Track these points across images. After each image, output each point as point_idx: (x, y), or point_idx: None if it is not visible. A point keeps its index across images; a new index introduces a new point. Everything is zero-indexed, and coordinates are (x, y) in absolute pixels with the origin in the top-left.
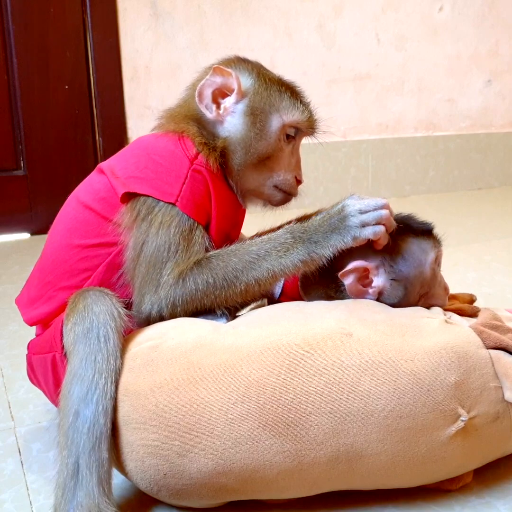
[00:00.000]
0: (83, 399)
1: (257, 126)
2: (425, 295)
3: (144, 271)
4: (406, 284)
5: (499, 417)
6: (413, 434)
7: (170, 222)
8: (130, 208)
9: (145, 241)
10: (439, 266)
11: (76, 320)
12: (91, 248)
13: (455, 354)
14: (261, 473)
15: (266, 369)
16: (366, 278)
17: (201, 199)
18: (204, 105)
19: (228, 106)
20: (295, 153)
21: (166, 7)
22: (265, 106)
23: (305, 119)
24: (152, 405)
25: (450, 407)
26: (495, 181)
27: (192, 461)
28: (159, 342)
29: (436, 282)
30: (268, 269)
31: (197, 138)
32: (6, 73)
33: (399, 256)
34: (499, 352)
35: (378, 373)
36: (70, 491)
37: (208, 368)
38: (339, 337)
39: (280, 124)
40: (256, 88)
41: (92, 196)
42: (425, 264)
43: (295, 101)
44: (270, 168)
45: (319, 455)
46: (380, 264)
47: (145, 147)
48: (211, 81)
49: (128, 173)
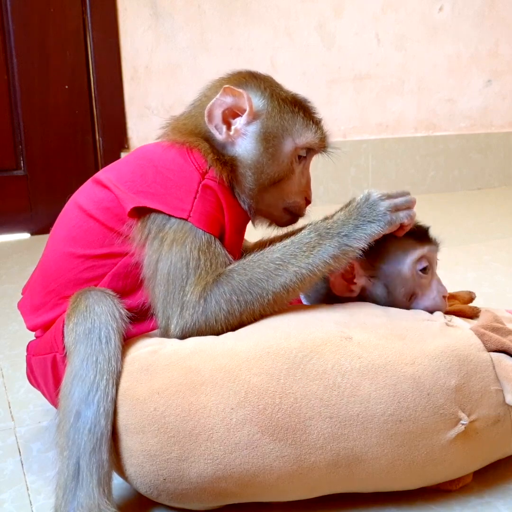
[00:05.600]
0: (84, 400)
1: (269, 151)
2: (413, 296)
3: (164, 290)
4: (386, 282)
5: (500, 420)
6: (413, 438)
7: (185, 239)
8: (140, 226)
9: (158, 259)
10: (430, 268)
11: (77, 320)
12: (97, 259)
13: (455, 357)
14: (261, 477)
15: (265, 373)
16: (350, 275)
17: (214, 212)
18: (213, 125)
19: (239, 128)
20: (305, 172)
21: (166, 7)
22: (278, 131)
23: (317, 140)
24: (151, 410)
25: (450, 410)
26: (495, 181)
27: (192, 466)
28: (158, 347)
29: (423, 283)
30: (296, 272)
31: (210, 155)
32: (6, 73)
33: (378, 253)
34: (500, 355)
35: (378, 377)
36: (71, 492)
37: (207, 373)
38: (338, 340)
39: (293, 148)
40: (269, 110)
41: (96, 206)
42: (404, 263)
43: (307, 122)
44: (281, 190)
45: (319, 460)
46: (362, 261)
47: (151, 158)
48: (221, 101)
49: (136, 187)
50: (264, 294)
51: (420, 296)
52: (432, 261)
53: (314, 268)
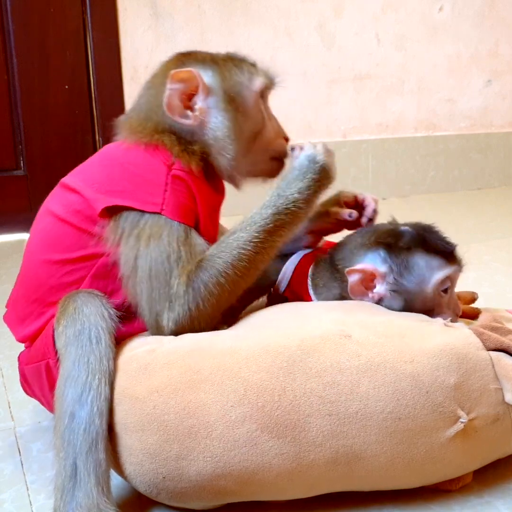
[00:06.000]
0: (78, 401)
1: (239, 110)
2: (429, 312)
3: (148, 287)
4: (406, 297)
5: (499, 418)
6: (412, 436)
7: (161, 233)
8: (113, 225)
9: (137, 256)
10: (452, 288)
11: (67, 323)
12: (74, 262)
13: (454, 355)
14: (260, 475)
15: (264, 371)
16: (371, 282)
17: (187, 202)
18: (178, 116)
19: (202, 105)
20: (270, 114)
21: (166, 7)
22: (235, 89)
23: (268, 79)
24: (150, 409)
25: (449, 408)
26: (495, 181)
27: (191, 464)
28: (156, 346)
29: (442, 302)
30: (266, 239)
31: (175, 148)
32: (6, 73)
33: (404, 268)
34: (499, 354)
35: (377, 374)
36: (69, 493)
37: (206, 371)
38: (337, 338)
39: (255, 96)
40: (219, 75)
41: (66, 209)
42: (429, 283)
43: (252, 68)
44: (262, 141)
45: (318, 457)
46: (387, 272)
47: (116, 157)
48: (174, 88)
49: (105, 187)
50: (246, 270)
51: (435, 313)
52: (454, 280)
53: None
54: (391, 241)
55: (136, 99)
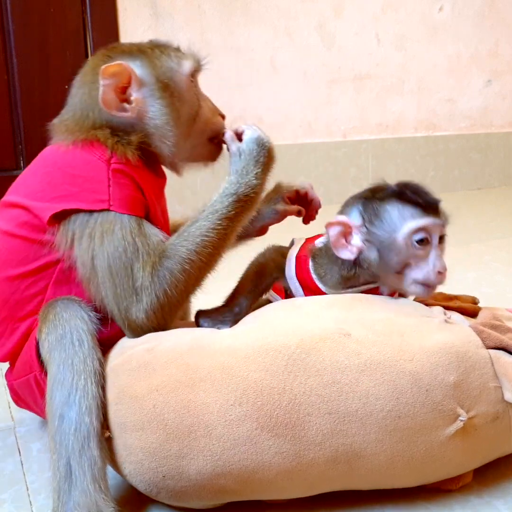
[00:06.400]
0: (66, 402)
1: (175, 95)
2: (406, 266)
3: (111, 285)
4: (380, 248)
5: (499, 417)
6: (412, 434)
7: (113, 228)
8: (63, 230)
9: (93, 256)
10: (430, 241)
11: (48, 330)
12: (33, 274)
13: (454, 354)
14: (260, 474)
15: (264, 370)
16: (349, 235)
17: (133, 193)
18: (115, 110)
19: (137, 96)
20: (202, 94)
21: (166, 7)
22: (167, 75)
23: (196, 61)
24: (150, 408)
25: (449, 407)
26: (495, 181)
27: (191, 462)
28: (154, 344)
29: (418, 254)
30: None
31: (109, 140)
32: (6, 73)
33: (376, 217)
34: (498, 352)
35: (376, 373)
36: (66, 493)
37: (206, 370)
38: (337, 337)
39: (186, 80)
40: (148, 63)
41: (13, 223)
42: (398, 231)
43: (179, 53)
44: (200, 123)
45: (318, 456)
46: (361, 223)
47: (54, 162)
48: (107, 83)
49: (48, 195)
50: (210, 256)
51: (413, 267)
52: (433, 233)
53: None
54: (369, 194)
55: (68, 100)
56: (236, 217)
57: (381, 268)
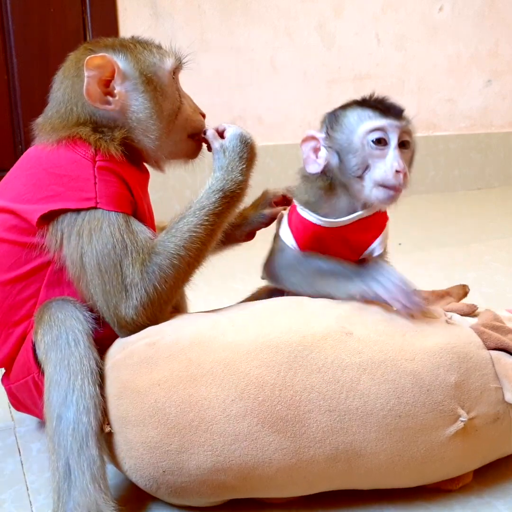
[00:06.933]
0: (63, 403)
1: (158, 90)
2: (366, 168)
3: (100, 282)
4: (339, 152)
5: (499, 418)
6: (412, 434)
7: (101, 225)
8: (52, 231)
9: (82, 254)
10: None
11: (44, 331)
12: (24, 278)
13: (455, 354)
14: (260, 470)
15: (265, 366)
16: (318, 150)
17: (119, 190)
18: (98, 102)
19: (120, 89)
20: (183, 92)
21: (166, 7)
22: (150, 69)
23: (177, 60)
24: (152, 402)
25: (449, 407)
26: (495, 181)
27: (191, 457)
28: (156, 339)
29: (375, 155)
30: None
31: (91, 137)
32: (6, 73)
33: (336, 123)
34: (499, 353)
35: (377, 372)
36: (65, 493)
37: (208, 365)
38: (339, 335)
39: (169, 76)
40: (131, 57)
41: (1, 228)
42: (354, 132)
43: (161, 50)
44: (182, 119)
45: (318, 453)
46: (324, 132)
47: (39, 164)
48: (91, 75)
49: (35, 196)
50: (198, 251)
51: (372, 168)
52: (391, 134)
53: (224, 210)
54: (336, 108)
55: (50, 95)
56: (222, 213)
57: (343, 174)
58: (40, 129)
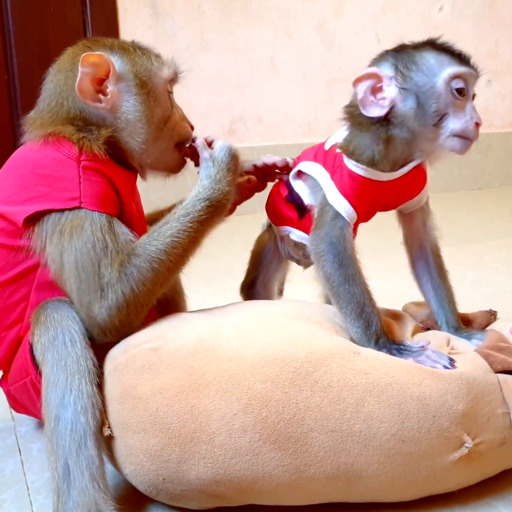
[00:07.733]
0: (61, 403)
1: (150, 94)
2: (444, 116)
3: (76, 280)
4: (418, 94)
5: (505, 442)
6: (415, 459)
7: (83, 224)
8: (38, 232)
9: (62, 252)
10: (466, 93)
11: (40, 332)
12: (13, 281)
13: (464, 380)
14: (260, 484)
15: (270, 381)
16: (379, 91)
17: (104, 190)
18: (90, 99)
19: (113, 89)
20: (175, 103)
21: (166, 7)
22: (146, 74)
23: (173, 70)
24: (153, 410)
25: (455, 434)
26: (495, 181)
27: (192, 468)
28: (159, 344)
29: (456, 104)
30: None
31: (74, 136)
32: (6, 73)
33: (412, 63)
34: (507, 376)
35: (383, 395)
36: (65, 494)
37: (211, 376)
38: (346, 354)
39: (164, 83)
40: (128, 60)
41: None
42: (438, 76)
43: (159, 58)
44: (170, 127)
45: (318, 472)
46: (394, 73)
47: (25, 165)
48: (86, 72)
49: (21, 198)
50: (179, 257)
51: (451, 117)
52: (469, 85)
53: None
54: (399, 47)
55: (43, 87)
56: (207, 221)
57: (418, 120)
58: (30, 123)
